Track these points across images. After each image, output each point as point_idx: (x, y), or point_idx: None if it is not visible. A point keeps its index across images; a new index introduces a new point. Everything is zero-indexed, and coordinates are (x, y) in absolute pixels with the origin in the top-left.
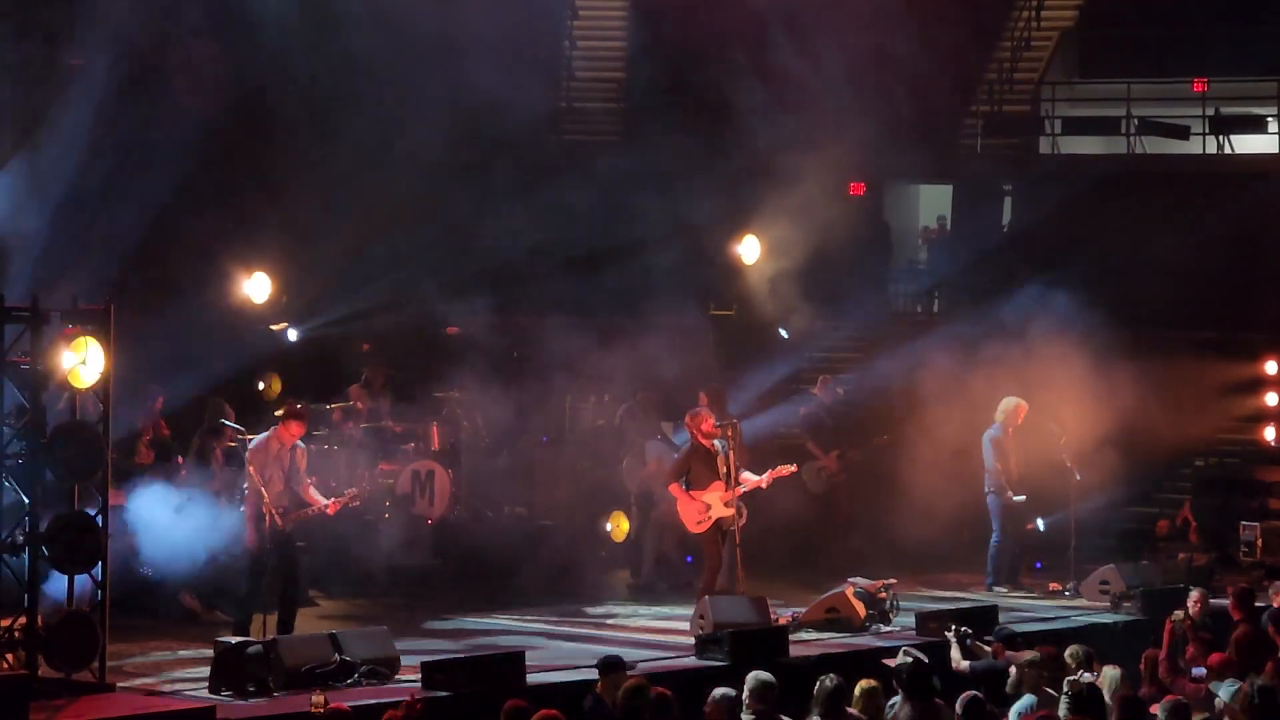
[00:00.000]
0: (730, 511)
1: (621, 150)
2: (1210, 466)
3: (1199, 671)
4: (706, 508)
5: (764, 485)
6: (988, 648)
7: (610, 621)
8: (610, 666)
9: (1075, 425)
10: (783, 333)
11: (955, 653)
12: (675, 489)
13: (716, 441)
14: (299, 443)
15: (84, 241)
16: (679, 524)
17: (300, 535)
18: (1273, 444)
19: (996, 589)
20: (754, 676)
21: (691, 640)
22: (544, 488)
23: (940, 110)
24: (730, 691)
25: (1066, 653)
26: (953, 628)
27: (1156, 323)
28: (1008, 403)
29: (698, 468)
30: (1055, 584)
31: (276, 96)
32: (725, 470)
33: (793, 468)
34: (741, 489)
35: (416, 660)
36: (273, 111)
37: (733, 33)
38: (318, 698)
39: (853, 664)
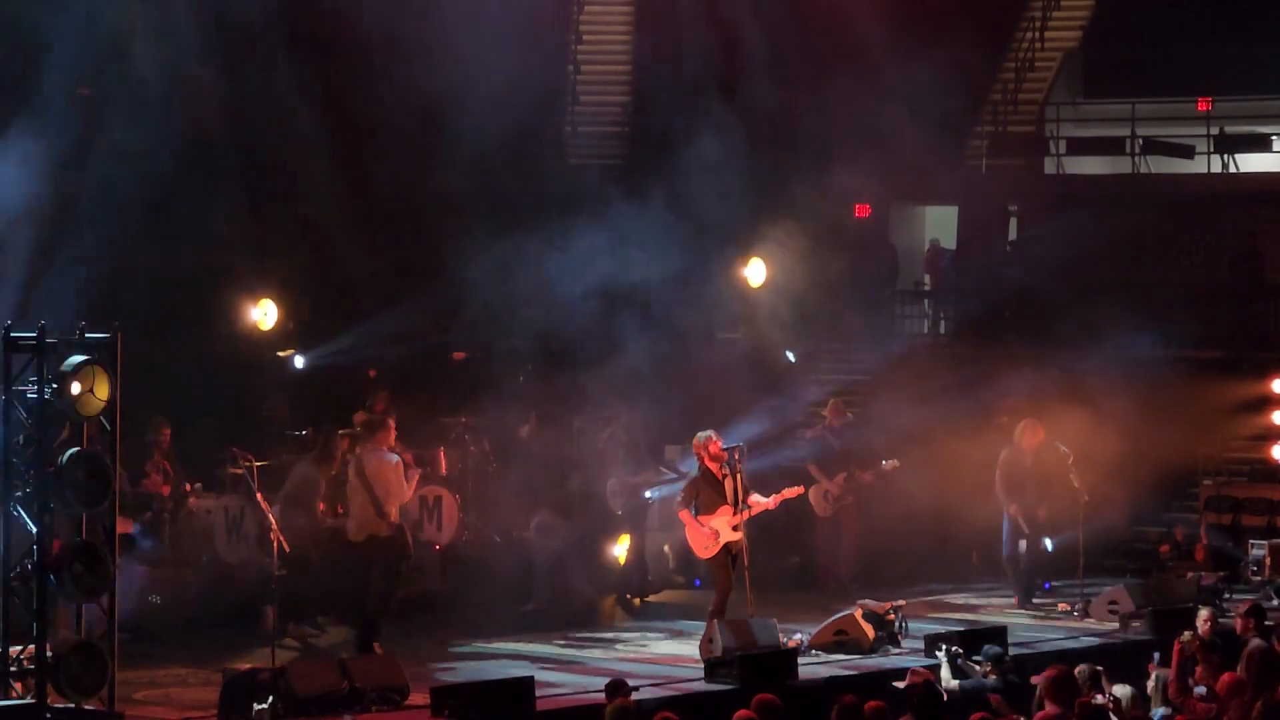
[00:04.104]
0: (738, 535)
1: (626, 174)
2: (1218, 485)
3: (1200, 690)
4: (715, 533)
5: (772, 507)
6: (978, 667)
7: (619, 645)
8: (618, 690)
9: (1084, 445)
10: (790, 355)
11: (945, 672)
12: (684, 515)
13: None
14: None
15: (90, 270)
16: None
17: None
18: None
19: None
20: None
21: (700, 663)
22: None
23: (945, 131)
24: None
25: (1076, 672)
26: (943, 647)
27: (1164, 342)
28: (1021, 424)
29: (705, 493)
30: (1064, 604)
31: (283, 126)
32: (733, 494)
33: (800, 489)
34: (750, 512)
35: (426, 686)
36: (278, 141)
37: (738, 56)
38: None
39: (862, 686)
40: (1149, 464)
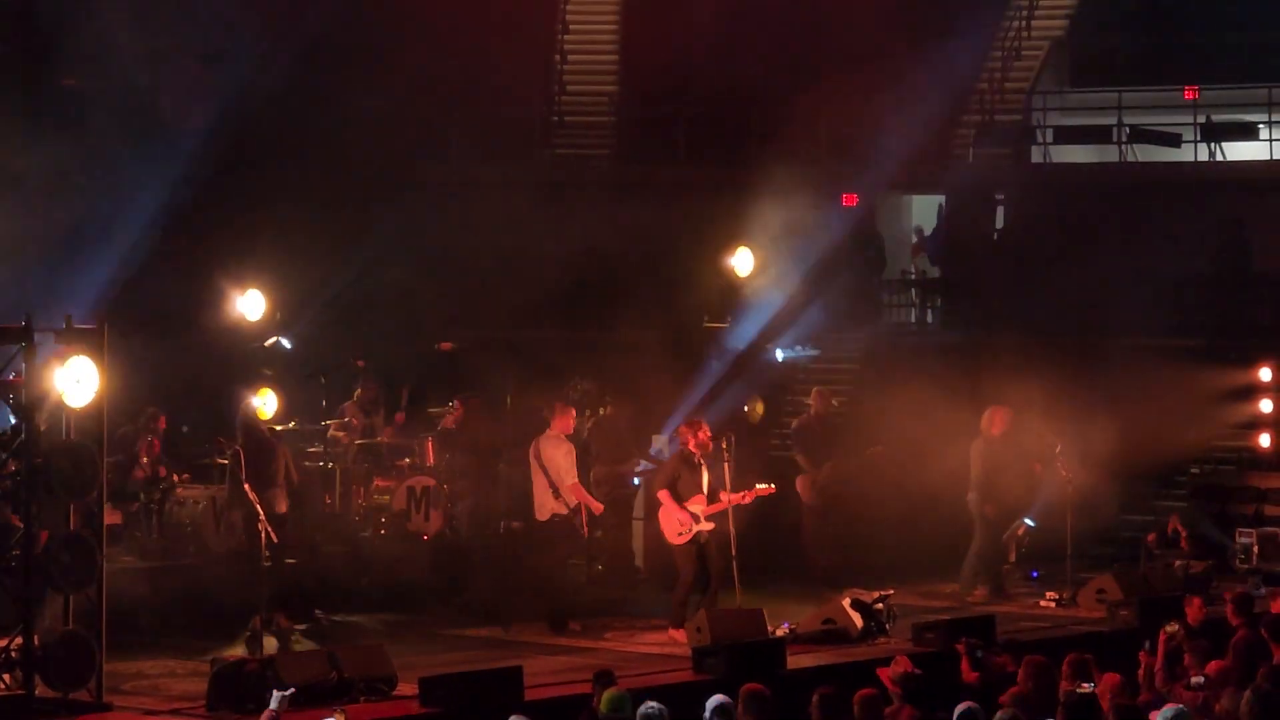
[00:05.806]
0: (711, 526)
1: (613, 163)
2: (1205, 473)
3: (1197, 680)
4: (692, 519)
5: (744, 503)
6: (996, 659)
7: (608, 635)
8: (606, 679)
9: (1071, 434)
10: (778, 354)
11: (965, 665)
12: (663, 495)
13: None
14: None
15: (77, 261)
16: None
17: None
18: (1268, 450)
19: (968, 599)
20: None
21: (688, 653)
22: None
23: (932, 120)
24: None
25: (1065, 662)
26: (963, 640)
27: (1150, 330)
28: (988, 411)
29: (684, 476)
30: (1052, 593)
31: (267, 114)
32: (709, 485)
33: (772, 488)
34: (719, 505)
35: (414, 676)
36: (264, 128)
37: (724, 46)
38: (338, 717)
39: (850, 675)
40: (1137, 452)
